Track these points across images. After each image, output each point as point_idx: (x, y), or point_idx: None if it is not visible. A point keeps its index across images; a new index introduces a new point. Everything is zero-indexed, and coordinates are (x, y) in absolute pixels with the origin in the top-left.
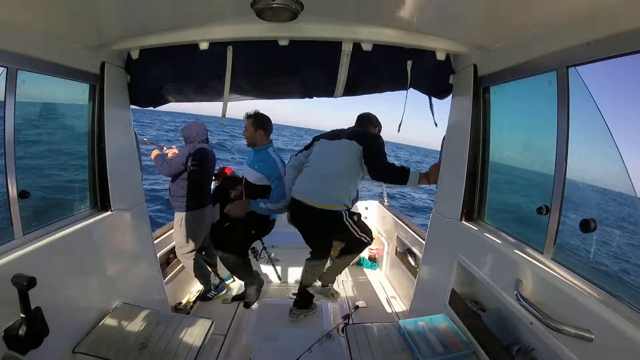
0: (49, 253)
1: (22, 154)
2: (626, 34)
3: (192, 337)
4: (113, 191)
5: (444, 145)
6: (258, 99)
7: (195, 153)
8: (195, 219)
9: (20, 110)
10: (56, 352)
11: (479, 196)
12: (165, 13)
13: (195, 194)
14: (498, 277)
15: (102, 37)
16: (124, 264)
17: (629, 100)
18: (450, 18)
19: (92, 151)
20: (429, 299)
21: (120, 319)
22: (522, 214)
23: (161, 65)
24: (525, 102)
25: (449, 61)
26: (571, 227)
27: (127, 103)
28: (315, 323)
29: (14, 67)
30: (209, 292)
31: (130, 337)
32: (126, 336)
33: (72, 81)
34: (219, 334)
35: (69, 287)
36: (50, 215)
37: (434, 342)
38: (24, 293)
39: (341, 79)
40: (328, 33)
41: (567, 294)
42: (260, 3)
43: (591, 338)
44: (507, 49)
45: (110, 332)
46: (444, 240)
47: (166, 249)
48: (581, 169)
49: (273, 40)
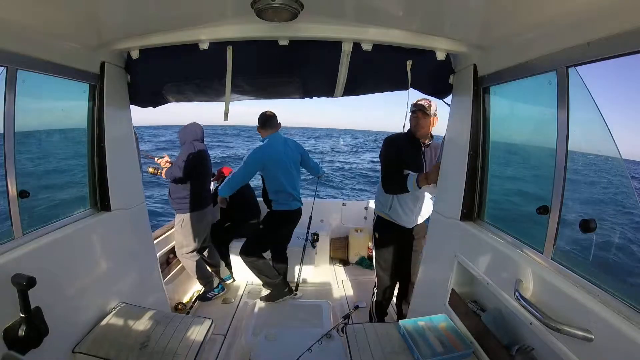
0: (49, 253)
1: (21, 154)
2: (626, 34)
3: (192, 337)
4: (113, 191)
5: (444, 145)
6: (258, 99)
7: (194, 152)
8: (195, 219)
9: (20, 110)
10: (56, 352)
11: (478, 196)
12: (165, 13)
13: (195, 194)
14: (498, 277)
15: (102, 37)
16: (123, 264)
17: (629, 100)
18: (450, 18)
19: (91, 151)
20: (429, 299)
21: (120, 319)
22: (522, 213)
23: (161, 65)
24: (525, 102)
25: (449, 61)
26: (571, 227)
27: (127, 103)
28: (315, 323)
29: (14, 67)
30: (209, 292)
31: (130, 337)
32: (126, 336)
33: (72, 81)
34: (218, 333)
35: (69, 287)
36: (50, 215)
37: (433, 342)
38: (24, 293)
39: (341, 79)
40: (328, 33)
41: (567, 294)
42: (260, 3)
43: (591, 338)
44: (507, 49)
45: (110, 332)
46: (444, 240)
47: (166, 249)
48: (581, 168)
49: (273, 40)
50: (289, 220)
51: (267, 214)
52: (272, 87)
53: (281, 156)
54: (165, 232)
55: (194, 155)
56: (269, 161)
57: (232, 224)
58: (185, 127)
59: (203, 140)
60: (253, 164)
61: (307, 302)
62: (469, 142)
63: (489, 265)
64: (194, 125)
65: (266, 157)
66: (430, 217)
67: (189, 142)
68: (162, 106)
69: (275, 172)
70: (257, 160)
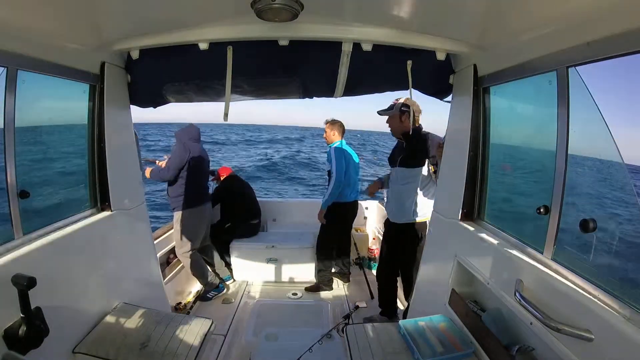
0: (49, 253)
1: (22, 154)
2: (626, 34)
3: (192, 337)
4: (113, 191)
5: (444, 145)
6: (258, 99)
7: (185, 151)
8: (193, 217)
9: (20, 111)
10: (56, 352)
11: (478, 196)
12: (165, 13)
13: (192, 192)
14: (498, 277)
15: (102, 37)
16: (124, 264)
17: (629, 100)
18: (450, 18)
19: (92, 151)
20: (429, 299)
21: (120, 319)
22: (523, 213)
23: (161, 65)
24: (525, 102)
25: (449, 61)
26: (571, 227)
27: (127, 103)
28: (315, 323)
29: (14, 67)
30: (209, 292)
31: (131, 337)
32: (126, 336)
33: (73, 81)
34: (218, 334)
35: (68, 287)
36: (51, 215)
37: (433, 342)
38: (24, 293)
39: (341, 79)
40: (328, 33)
41: (567, 294)
42: (260, 3)
43: (591, 338)
44: (507, 48)
45: (110, 332)
46: (443, 240)
47: (166, 249)
48: (581, 168)
49: (273, 40)
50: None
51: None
52: (272, 87)
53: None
54: (165, 232)
55: (185, 154)
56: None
57: (232, 224)
58: (182, 128)
59: (198, 141)
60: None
61: (307, 302)
62: (469, 142)
63: (489, 265)
64: (189, 126)
65: (346, 154)
66: (430, 217)
67: (181, 142)
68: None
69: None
70: (342, 157)
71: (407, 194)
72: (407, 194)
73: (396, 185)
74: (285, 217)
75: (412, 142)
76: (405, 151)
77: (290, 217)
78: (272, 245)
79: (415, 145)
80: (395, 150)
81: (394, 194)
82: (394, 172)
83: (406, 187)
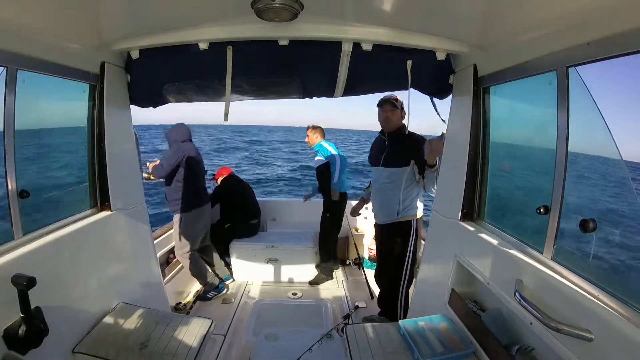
0: (49, 253)
1: (21, 154)
2: (626, 34)
3: (191, 337)
4: (113, 191)
5: (444, 145)
6: (258, 99)
7: (181, 153)
8: (192, 218)
9: (20, 110)
10: (56, 352)
11: (478, 196)
12: (165, 13)
13: (191, 194)
14: (498, 277)
15: (102, 37)
16: (123, 263)
17: (629, 100)
18: (450, 18)
19: (92, 151)
20: (429, 299)
21: (120, 319)
22: (522, 213)
23: (161, 65)
24: (525, 102)
25: (449, 61)
26: (571, 227)
27: (127, 103)
28: (315, 323)
29: (14, 67)
30: (209, 292)
31: (130, 337)
32: (126, 336)
33: (72, 81)
34: (218, 333)
35: (68, 287)
36: (50, 215)
37: (433, 342)
38: (24, 293)
39: (341, 79)
40: (328, 33)
41: (567, 294)
42: (260, 3)
43: (591, 338)
44: (507, 49)
45: (110, 332)
46: (443, 240)
47: (166, 249)
48: (581, 168)
49: (273, 40)
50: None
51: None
52: (272, 87)
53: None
54: (165, 232)
55: (181, 156)
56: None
57: (231, 224)
58: (172, 128)
59: (190, 140)
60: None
61: (307, 302)
62: (469, 142)
63: (489, 265)
64: (181, 126)
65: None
66: (430, 217)
67: (176, 143)
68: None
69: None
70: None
71: (391, 193)
72: (391, 194)
73: (380, 185)
74: (285, 216)
75: (400, 140)
76: (388, 149)
77: (290, 216)
78: (271, 245)
79: (402, 144)
80: (376, 149)
81: (378, 194)
82: (377, 171)
83: (390, 186)
